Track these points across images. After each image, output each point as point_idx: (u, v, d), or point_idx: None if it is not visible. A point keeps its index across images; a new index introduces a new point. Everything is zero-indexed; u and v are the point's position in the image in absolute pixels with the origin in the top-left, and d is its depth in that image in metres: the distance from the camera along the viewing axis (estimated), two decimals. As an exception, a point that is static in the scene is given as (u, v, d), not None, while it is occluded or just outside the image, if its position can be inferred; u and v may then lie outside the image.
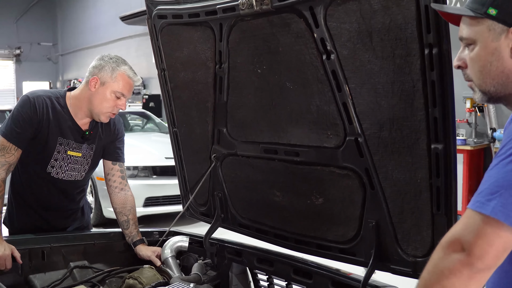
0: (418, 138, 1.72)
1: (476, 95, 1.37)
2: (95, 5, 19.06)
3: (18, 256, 2.46)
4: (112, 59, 2.64)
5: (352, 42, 1.79)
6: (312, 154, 2.10)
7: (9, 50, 21.66)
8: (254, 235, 2.51)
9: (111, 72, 2.60)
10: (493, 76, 1.30)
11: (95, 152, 2.77)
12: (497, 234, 1.15)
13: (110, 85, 2.60)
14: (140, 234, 2.79)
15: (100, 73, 2.60)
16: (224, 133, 2.44)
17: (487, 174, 1.22)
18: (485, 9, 1.27)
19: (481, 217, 1.17)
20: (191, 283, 2.43)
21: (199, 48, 2.35)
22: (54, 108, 2.62)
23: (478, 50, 1.30)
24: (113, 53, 2.81)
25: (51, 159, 2.65)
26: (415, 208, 1.82)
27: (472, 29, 1.31)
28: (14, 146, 2.55)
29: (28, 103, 2.57)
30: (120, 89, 2.60)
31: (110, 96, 2.60)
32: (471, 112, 7.39)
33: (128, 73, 2.63)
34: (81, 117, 2.67)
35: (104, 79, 2.60)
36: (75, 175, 2.73)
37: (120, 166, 2.86)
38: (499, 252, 1.16)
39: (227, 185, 2.54)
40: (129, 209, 2.83)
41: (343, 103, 1.90)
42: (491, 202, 1.16)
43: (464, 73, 1.38)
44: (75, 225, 2.91)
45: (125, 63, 2.66)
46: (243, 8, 2.03)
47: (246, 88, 2.27)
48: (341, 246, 2.13)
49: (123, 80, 2.61)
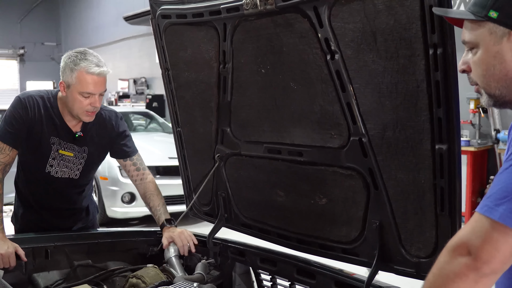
0: (422, 138, 1.72)
1: (483, 99, 1.36)
2: (98, 5, 19.08)
3: (22, 254, 2.46)
4: (71, 58, 2.53)
5: (356, 42, 1.79)
6: (316, 154, 2.10)
7: (13, 50, 21.68)
8: (257, 235, 2.51)
9: (70, 73, 2.51)
10: (497, 79, 1.29)
11: (89, 154, 2.73)
12: (505, 239, 1.14)
13: (74, 87, 2.51)
14: (163, 217, 2.72)
15: (63, 76, 2.54)
16: (227, 133, 2.44)
17: (496, 178, 1.21)
18: (486, 12, 1.26)
19: (489, 222, 1.16)
20: (195, 283, 2.43)
21: (203, 48, 2.35)
22: (46, 107, 2.61)
23: (481, 53, 1.30)
24: (116, 53, 2.79)
25: (49, 158, 2.66)
26: (419, 208, 1.82)
27: (473, 32, 1.30)
28: (8, 146, 2.57)
29: (19, 103, 2.58)
30: (83, 89, 2.50)
31: (78, 97, 2.52)
32: (475, 113, 7.37)
33: (88, 69, 2.48)
34: (69, 119, 2.64)
35: (68, 81, 2.53)
36: (68, 172, 2.72)
37: (132, 159, 2.83)
38: (506, 257, 1.15)
39: (230, 185, 2.54)
40: (149, 197, 2.81)
41: (347, 103, 1.90)
42: (500, 208, 1.15)
43: (469, 77, 1.37)
44: (79, 225, 2.91)
45: (85, 57, 2.51)
46: (247, 8, 2.03)
47: (250, 88, 2.27)
48: (344, 246, 2.12)
49: (83, 79, 2.49)
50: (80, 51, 2.55)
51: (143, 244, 2.84)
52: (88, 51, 2.56)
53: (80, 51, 2.55)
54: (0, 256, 2.38)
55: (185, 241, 2.64)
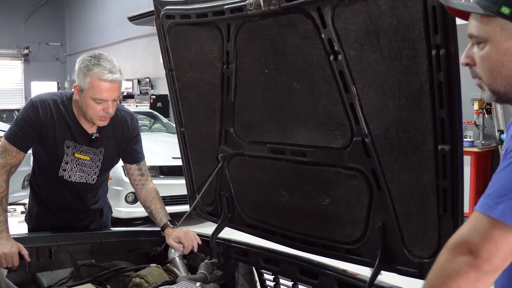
0: (425, 139, 1.72)
1: (484, 94, 1.33)
2: (103, 6, 19.12)
3: (26, 254, 2.47)
4: (84, 62, 2.50)
5: (359, 42, 1.79)
6: (319, 154, 2.10)
7: (18, 50, 21.75)
8: (260, 235, 2.51)
9: (83, 78, 2.48)
10: (504, 76, 1.26)
11: (105, 155, 2.73)
12: (505, 237, 1.15)
13: (87, 92, 2.48)
14: (165, 219, 2.72)
15: (77, 80, 2.53)
16: (231, 133, 2.44)
17: (495, 177, 1.21)
18: (498, 8, 1.22)
19: (489, 220, 1.16)
20: (197, 282, 2.44)
21: (206, 48, 2.36)
22: (59, 111, 2.60)
23: (490, 49, 1.26)
24: (121, 53, 2.79)
25: (62, 163, 2.66)
26: (422, 209, 1.82)
27: (483, 27, 1.26)
28: (16, 148, 2.58)
29: (31, 107, 2.58)
30: (96, 96, 2.47)
31: (91, 103, 2.49)
32: (478, 114, 7.36)
33: (100, 75, 2.44)
34: (84, 121, 2.63)
35: (81, 86, 2.50)
36: (85, 177, 2.72)
37: (138, 165, 2.84)
38: (506, 255, 1.16)
39: (234, 185, 2.54)
40: (150, 201, 2.81)
41: (350, 104, 1.90)
42: (500, 206, 1.15)
43: (473, 71, 1.34)
44: (93, 226, 2.92)
45: (98, 62, 2.47)
46: (250, 8, 2.04)
47: (254, 88, 2.27)
48: (347, 247, 2.13)
49: (96, 85, 2.46)
50: (95, 55, 2.50)
51: (146, 243, 2.85)
52: (102, 56, 2.51)
53: (95, 55, 2.50)
54: (3, 255, 2.39)
55: (190, 242, 2.64)
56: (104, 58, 2.50)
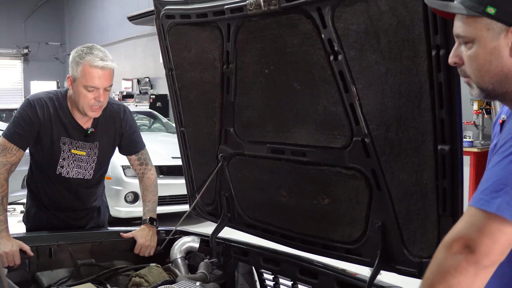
0: (425, 139, 1.72)
1: (473, 91, 1.35)
2: (102, 5, 19.11)
3: (28, 249, 2.49)
4: (77, 52, 2.56)
5: (359, 43, 1.80)
6: (319, 154, 2.10)
7: (17, 49, 21.72)
8: (260, 235, 2.52)
9: (76, 67, 2.54)
10: (492, 74, 1.28)
11: (99, 148, 2.75)
12: (503, 231, 1.16)
13: (79, 81, 2.54)
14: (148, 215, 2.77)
15: (71, 70, 2.58)
16: (231, 133, 2.44)
17: (489, 172, 1.22)
18: (483, 8, 1.23)
19: (486, 215, 1.17)
20: (197, 282, 2.44)
21: (206, 48, 2.36)
22: (55, 108, 2.64)
23: (477, 49, 1.28)
24: (120, 53, 2.81)
25: (60, 159, 2.68)
26: (421, 209, 1.82)
27: (469, 27, 1.28)
28: (15, 146, 2.59)
29: (28, 105, 2.62)
30: (87, 83, 2.52)
31: (83, 91, 2.53)
32: (478, 114, 7.37)
33: (92, 62, 2.50)
34: (79, 116, 2.67)
35: (74, 75, 2.56)
36: (82, 173, 2.74)
37: (137, 154, 2.88)
38: (504, 248, 1.17)
39: (233, 184, 2.54)
40: (143, 191, 2.88)
41: (350, 104, 1.90)
42: (496, 200, 1.16)
43: (461, 70, 1.36)
44: (91, 224, 2.94)
45: (91, 51, 2.53)
46: (251, 8, 2.04)
47: (254, 88, 2.28)
48: (347, 247, 2.13)
49: (88, 72, 2.51)
50: (88, 46, 2.58)
51: (146, 243, 2.84)
52: (95, 46, 2.59)
53: (88, 46, 2.58)
54: (4, 254, 2.40)
55: (144, 248, 2.72)
56: (96, 48, 2.58)
